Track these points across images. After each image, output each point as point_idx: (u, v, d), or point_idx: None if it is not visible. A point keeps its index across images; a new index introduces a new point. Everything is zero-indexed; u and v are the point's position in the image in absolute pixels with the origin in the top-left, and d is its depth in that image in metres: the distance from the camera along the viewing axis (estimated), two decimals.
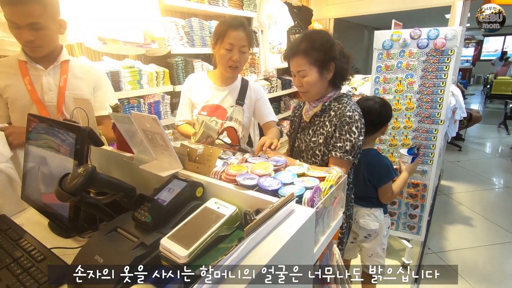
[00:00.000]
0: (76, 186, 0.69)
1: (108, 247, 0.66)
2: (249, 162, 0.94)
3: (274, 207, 0.57)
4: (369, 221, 1.63)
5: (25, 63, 1.27)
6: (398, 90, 2.27)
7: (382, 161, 1.57)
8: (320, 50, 1.17)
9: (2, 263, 0.76)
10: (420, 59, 2.16)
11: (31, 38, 1.16)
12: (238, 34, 1.40)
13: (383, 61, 2.30)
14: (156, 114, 2.19)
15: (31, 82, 1.27)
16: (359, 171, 1.60)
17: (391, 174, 1.56)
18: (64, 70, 1.33)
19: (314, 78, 1.20)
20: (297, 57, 1.20)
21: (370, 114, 1.50)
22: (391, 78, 2.28)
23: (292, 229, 0.57)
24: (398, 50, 2.24)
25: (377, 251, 1.69)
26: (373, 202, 1.64)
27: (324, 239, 0.73)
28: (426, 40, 2.12)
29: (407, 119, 2.26)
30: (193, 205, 0.75)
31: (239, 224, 0.73)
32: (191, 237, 0.63)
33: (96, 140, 0.92)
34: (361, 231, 1.67)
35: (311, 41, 1.18)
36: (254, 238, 0.51)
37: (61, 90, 1.31)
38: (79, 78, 1.37)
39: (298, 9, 3.79)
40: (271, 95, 3.47)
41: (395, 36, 2.23)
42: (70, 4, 1.58)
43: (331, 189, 0.74)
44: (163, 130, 0.81)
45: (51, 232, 0.94)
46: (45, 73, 1.29)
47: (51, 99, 1.30)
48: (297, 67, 1.21)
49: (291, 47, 1.24)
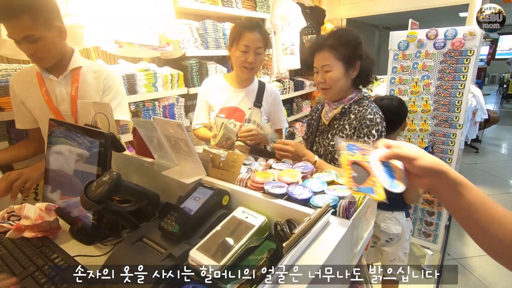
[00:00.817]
0: (102, 194, 0.67)
1: (135, 258, 0.64)
2: (273, 168, 0.91)
3: (311, 219, 0.53)
4: (391, 225, 1.59)
5: (40, 74, 1.25)
6: (414, 92, 2.22)
7: None
8: (347, 46, 1.15)
9: (27, 272, 0.75)
10: (437, 60, 2.10)
11: (31, 51, 1.13)
12: (253, 35, 1.38)
13: (398, 62, 2.25)
14: (170, 117, 2.18)
15: (47, 93, 1.26)
16: None
17: None
18: (75, 78, 1.28)
19: (339, 74, 1.16)
20: (323, 51, 1.17)
21: (388, 112, 1.46)
22: (407, 79, 2.23)
23: (331, 243, 0.54)
24: (414, 50, 2.18)
25: (399, 255, 1.65)
26: (395, 205, 1.60)
27: (358, 251, 0.70)
28: (443, 40, 2.06)
29: (423, 121, 2.20)
30: (220, 214, 0.72)
31: (267, 234, 0.70)
32: (221, 249, 0.61)
33: (118, 145, 0.91)
34: (383, 235, 1.63)
35: (338, 36, 1.17)
36: (294, 254, 0.48)
37: (73, 99, 1.28)
38: (90, 85, 1.33)
39: (311, 9, 3.74)
40: (284, 96, 3.43)
41: (410, 36, 2.18)
42: (88, 9, 1.58)
43: (365, 199, 0.70)
44: (188, 136, 0.79)
45: (72, 238, 0.92)
46: (57, 83, 1.27)
47: (66, 109, 1.28)
48: (322, 62, 1.18)
49: (316, 41, 1.21)
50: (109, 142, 0.80)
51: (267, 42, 1.45)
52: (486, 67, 12.20)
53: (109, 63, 2.00)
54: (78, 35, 1.59)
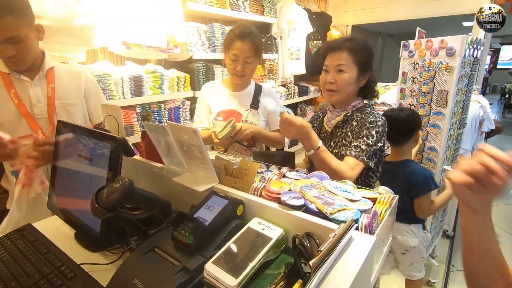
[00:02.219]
0: (113, 202, 0.65)
1: (147, 270, 0.61)
2: (287, 177, 0.88)
3: (337, 235, 0.51)
4: (408, 237, 1.60)
5: (8, 75, 1.17)
6: None
7: (421, 171, 1.54)
8: (365, 54, 1.16)
9: (32, 280, 0.72)
10: None
11: (13, 52, 1.08)
12: (242, 45, 1.39)
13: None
14: (176, 120, 2.16)
15: (17, 95, 1.17)
16: (395, 185, 1.56)
17: (430, 186, 1.51)
18: (51, 78, 1.23)
19: (352, 78, 1.15)
20: (341, 51, 1.15)
21: (396, 123, 1.50)
22: None
23: (358, 260, 0.51)
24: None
25: (417, 259, 1.67)
26: (411, 218, 1.60)
27: (379, 267, 0.67)
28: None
29: None
30: (235, 225, 0.69)
31: (284, 247, 0.67)
32: (238, 263, 0.58)
33: (128, 150, 0.88)
34: (399, 247, 1.64)
35: (357, 43, 1.16)
36: (321, 272, 0.46)
37: (50, 101, 1.22)
38: (68, 85, 1.29)
39: (317, 15, 3.75)
40: (288, 101, 3.42)
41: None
42: (98, 10, 1.56)
43: (387, 212, 0.67)
44: (203, 143, 0.76)
45: (77, 245, 0.90)
46: (31, 84, 1.20)
47: (42, 112, 1.21)
48: (338, 61, 1.15)
49: (334, 41, 1.20)
50: (120, 147, 0.78)
51: (258, 50, 1.45)
52: (487, 76, 12.24)
53: (116, 64, 1.99)
54: (88, 35, 1.57)
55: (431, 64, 1.95)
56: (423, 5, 3.82)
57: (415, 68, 2.04)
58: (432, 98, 1.97)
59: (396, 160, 1.60)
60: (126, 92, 1.82)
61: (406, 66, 2.10)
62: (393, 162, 1.61)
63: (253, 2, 2.69)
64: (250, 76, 1.52)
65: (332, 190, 0.73)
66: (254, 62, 1.47)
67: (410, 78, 2.08)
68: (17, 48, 1.08)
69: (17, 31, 1.06)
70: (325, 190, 0.73)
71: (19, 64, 1.15)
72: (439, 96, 1.95)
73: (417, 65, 2.03)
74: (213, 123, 1.53)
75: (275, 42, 3.04)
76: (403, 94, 2.14)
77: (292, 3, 3.16)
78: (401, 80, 2.14)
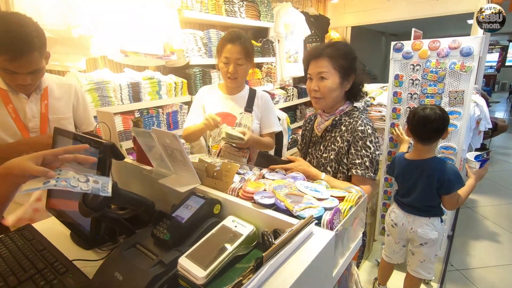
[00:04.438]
0: (99, 202, 0.71)
1: (127, 264, 0.67)
2: (266, 178, 0.94)
3: (293, 230, 0.56)
4: (428, 230, 1.66)
5: (7, 91, 1.24)
6: None
7: (452, 168, 1.58)
8: (346, 58, 1.18)
9: (27, 274, 0.78)
10: None
11: (29, 82, 1.16)
12: (233, 48, 1.46)
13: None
14: (174, 124, 2.23)
15: (15, 110, 1.25)
16: (415, 181, 1.65)
17: (462, 181, 1.57)
18: (45, 96, 1.32)
19: (334, 84, 1.18)
20: (321, 59, 1.18)
21: (434, 121, 1.53)
22: None
23: (311, 254, 0.56)
24: None
25: (430, 257, 1.72)
26: (432, 211, 1.67)
27: (344, 261, 0.71)
28: None
29: None
30: (211, 223, 0.75)
31: (256, 243, 0.72)
32: (209, 257, 0.63)
33: (117, 154, 0.95)
34: (418, 239, 1.70)
35: (337, 48, 1.19)
36: (273, 263, 0.51)
37: (43, 117, 1.31)
38: (59, 99, 1.37)
39: (315, 18, 3.79)
40: (287, 104, 3.46)
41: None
42: (95, 19, 1.64)
43: (351, 210, 0.72)
44: (183, 147, 0.82)
45: (73, 243, 0.96)
46: (28, 101, 1.27)
47: (35, 126, 1.30)
48: (318, 69, 1.18)
49: (314, 49, 1.23)
50: (108, 151, 0.84)
51: (249, 53, 1.51)
52: (496, 74, 12.04)
53: (115, 72, 2.07)
54: (86, 45, 1.65)
55: (439, 64, 1.95)
56: (421, 5, 3.83)
57: (415, 70, 2.05)
58: (442, 99, 1.98)
59: (422, 158, 1.62)
60: (124, 98, 1.90)
61: (398, 68, 2.12)
62: (420, 160, 1.63)
63: (249, 8, 2.75)
64: (242, 78, 1.57)
65: (302, 190, 0.78)
66: (245, 64, 1.52)
67: (409, 80, 2.08)
68: (33, 78, 1.18)
69: (40, 65, 1.16)
70: (296, 189, 0.78)
71: (29, 89, 1.24)
72: (452, 96, 1.95)
73: (418, 67, 2.03)
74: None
75: (272, 45, 3.09)
76: (397, 98, 2.16)
77: (289, 7, 3.21)
78: (394, 83, 2.14)
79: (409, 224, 1.71)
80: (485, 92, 6.07)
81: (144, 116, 2.04)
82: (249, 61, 1.53)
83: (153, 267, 0.64)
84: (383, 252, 1.96)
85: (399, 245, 1.83)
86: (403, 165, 1.71)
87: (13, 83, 1.18)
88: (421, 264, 1.73)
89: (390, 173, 1.83)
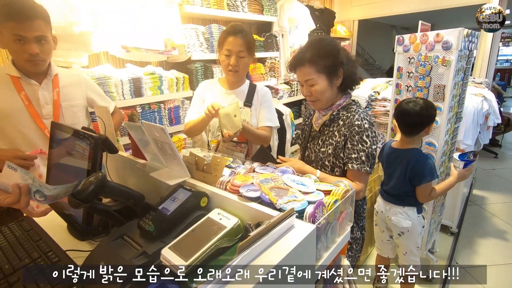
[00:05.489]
0: (87, 194, 0.72)
1: (113, 254, 0.68)
2: (256, 172, 0.94)
3: (271, 223, 0.56)
4: (401, 219, 1.68)
5: (19, 78, 1.28)
6: None
7: (426, 161, 1.60)
8: (327, 57, 1.15)
9: (22, 263, 0.81)
10: None
11: (37, 51, 1.20)
12: (235, 40, 1.45)
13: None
14: (175, 119, 2.25)
15: (27, 97, 1.29)
16: (394, 169, 1.68)
17: (433, 175, 1.59)
18: (55, 83, 1.36)
19: (323, 86, 1.17)
20: (304, 66, 1.17)
21: (410, 116, 1.56)
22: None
23: (290, 246, 0.56)
24: None
25: (411, 249, 1.73)
26: (407, 201, 1.68)
27: (328, 255, 0.71)
28: None
29: None
30: (197, 215, 0.75)
31: (241, 236, 0.72)
32: (191, 248, 0.64)
33: (111, 147, 0.96)
34: (395, 228, 1.73)
35: (316, 49, 1.16)
36: (249, 254, 0.51)
37: (55, 104, 1.35)
38: (71, 88, 1.42)
39: (320, 11, 3.73)
40: (292, 99, 3.44)
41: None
42: (96, 15, 1.66)
43: (336, 204, 0.71)
44: (171, 140, 0.83)
45: (69, 235, 0.99)
46: (40, 88, 1.32)
47: (49, 113, 1.34)
48: (304, 77, 1.18)
49: (296, 57, 1.22)
50: (99, 144, 0.85)
51: (251, 46, 1.50)
52: (511, 68, 11.63)
53: (117, 67, 2.09)
54: (87, 41, 1.68)
55: (426, 58, 1.92)
56: None
57: (410, 63, 2.02)
58: (429, 92, 1.95)
59: (404, 148, 1.66)
60: (126, 93, 1.92)
61: (401, 61, 2.08)
62: (401, 150, 1.66)
63: (252, 2, 2.73)
64: (243, 72, 1.56)
65: (288, 183, 0.77)
66: (247, 57, 1.51)
67: (406, 73, 2.06)
68: (41, 48, 1.22)
69: (45, 33, 1.22)
70: (282, 183, 0.78)
71: (39, 64, 1.27)
72: (435, 90, 1.92)
73: (412, 60, 2.01)
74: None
75: (276, 40, 3.07)
76: (398, 90, 2.13)
77: (293, 1, 3.17)
78: (396, 75, 2.12)
79: (386, 211, 1.74)
80: (500, 86, 5.88)
81: (145, 111, 2.06)
82: (250, 54, 1.52)
83: (137, 257, 0.65)
84: (376, 245, 1.97)
85: (386, 235, 1.84)
86: (388, 152, 1.74)
87: (22, 56, 1.21)
88: (405, 257, 1.75)
89: (379, 158, 1.86)
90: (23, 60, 1.23)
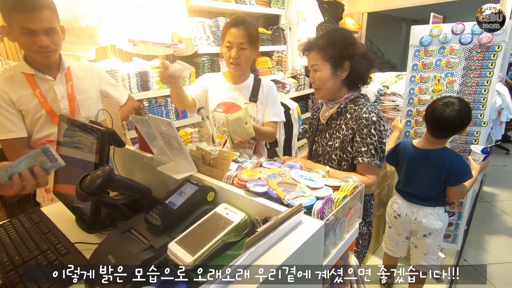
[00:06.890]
0: (94, 187, 0.73)
1: (120, 247, 0.69)
2: (263, 167, 0.93)
3: (279, 218, 0.55)
4: (433, 220, 1.64)
5: (33, 75, 1.27)
6: (436, 90, 2.11)
7: (463, 160, 1.55)
8: (335, 47, 1.14)
9: (32, 254, 0.82)
10: (462, 56, 1.98)
11: (48, 43, 1.19)
12: (236, 31, 1.41)
13: (420, 58, 2.13)
14: (182, 113, 2.25)
15: (42, 94, 1.28)
16: (421, 170, 1.62)
17: (470, 173, 1.55)
18: (68, 77, 1.35)
19: (326, 75, 1.17)
20: (313, 51, 1.19)
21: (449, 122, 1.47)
22: (429, 76, 2.12)
23: (297, 242, 0.55)
24: (437, 46, 2.05)
25: (434, 248, 1.71)
26: (437, 201, 1.65)
27: (336, 252, 0.70)
28: (470, 35, 1.94)
29: None
30: (204, 210, 0.75)
31: (248, 231, 0.72)
32: (197, 243, 0.64)
33: (118, 141, 0.96)
34: (422, 230, 1.68)
35: (328, 37, 1.17)
36: (256, 250, 0.50)
37: (70, 97, 1.35)
38: (84, 80, 1.41)
39: (329, 4, 3.66)
40: (299, 93, 3.40)
41: (434, 31, 2.05)
42: (102, 9, 1.66)
43: (345, 200, 0.70)
44: (178, 134, 0.82)
45: (77, 227, 0.99)
46: (55, 82, 1.31)
47: (65, 107, 1.34)
48: (311, 61, 1.20)
49: (309, 42, 1.23)
50: (105, 138, 0.85)
51: (253, 38, 1.46)
52: None
53: (124, 61, 2.09)
54: (93, 34, 1.68)
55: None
56: None
57: None
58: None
59: (433, 148, 1.58)
60: (133, 87, 1.92)
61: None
62: (430, 150, 1.59)
63: None
64: (245, 65, 1.52)
65: (296, 178, 0.76)
66: (249, 50, 1.47)
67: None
68: (51, 39, 1.20)
69: (53, 24, 1.19)
70: (290, 178, 0.77)
71: (50, 56, 1.25)
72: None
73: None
74: (213, 114, 1.57)
75: (283, 33, 3.03)
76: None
77: None
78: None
79: (413, 214, 1.68)
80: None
81: (152, 105, 2.06)
82: (253, 47, 1.48)
83: (144, 251, 0.65)
84: (384, 245, 1.92)
85: (402, 237, 1.79)
86: (411, 152, 1.65)
87: (32, 48, 1.19)
88: (425, 256, 1.71)
89: (392, 160, 1.77)
90: (33, 52, 1.21)
